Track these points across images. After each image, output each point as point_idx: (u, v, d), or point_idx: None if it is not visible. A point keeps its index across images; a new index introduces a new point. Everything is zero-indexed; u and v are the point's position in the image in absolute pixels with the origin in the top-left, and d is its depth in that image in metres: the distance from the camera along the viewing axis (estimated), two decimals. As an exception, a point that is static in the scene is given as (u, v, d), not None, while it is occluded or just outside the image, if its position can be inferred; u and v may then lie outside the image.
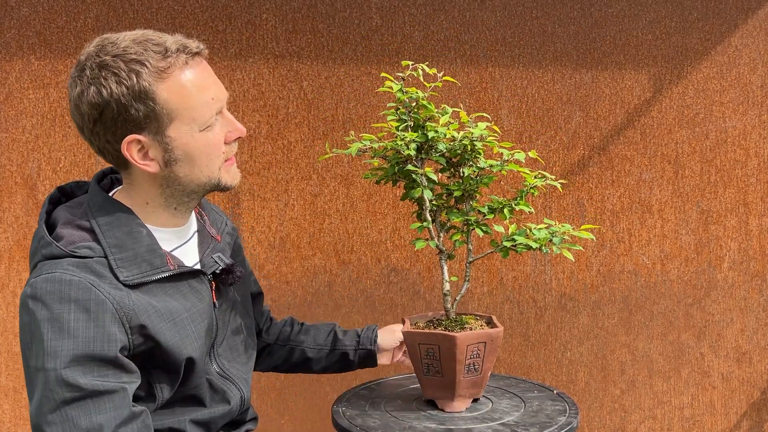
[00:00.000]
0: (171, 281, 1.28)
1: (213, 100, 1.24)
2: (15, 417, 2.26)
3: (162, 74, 1.18)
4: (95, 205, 1.26)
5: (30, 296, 1.16)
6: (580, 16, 2.49)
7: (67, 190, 1.36)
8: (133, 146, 1.22)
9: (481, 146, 1.41)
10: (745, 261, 2.63)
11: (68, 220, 1.26)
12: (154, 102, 1.18)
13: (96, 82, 1.17)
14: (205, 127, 1.24)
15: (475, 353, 1.38)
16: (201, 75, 1.23)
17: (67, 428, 1.12)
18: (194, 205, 1.34)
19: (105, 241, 1.22)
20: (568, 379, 2.57)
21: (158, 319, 1.23)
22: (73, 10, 2.23)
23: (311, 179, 2.38)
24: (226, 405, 1.37)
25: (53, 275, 1.16)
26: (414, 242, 1.42)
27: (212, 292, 1.36)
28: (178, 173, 1.25)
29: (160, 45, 1.19)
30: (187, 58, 1.21)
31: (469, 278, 1.47)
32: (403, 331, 1.43)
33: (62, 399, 1.12)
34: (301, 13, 2.35)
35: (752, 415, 2.68)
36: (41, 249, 1.23)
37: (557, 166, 2.51)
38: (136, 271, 1.22)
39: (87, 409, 1.13)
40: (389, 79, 1.41)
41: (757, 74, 2.59)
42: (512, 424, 1.34)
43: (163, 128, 1.21)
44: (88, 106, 1.19)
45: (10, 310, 2.24)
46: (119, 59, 1.17)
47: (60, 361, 1.12)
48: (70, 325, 1.14)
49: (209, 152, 1.25)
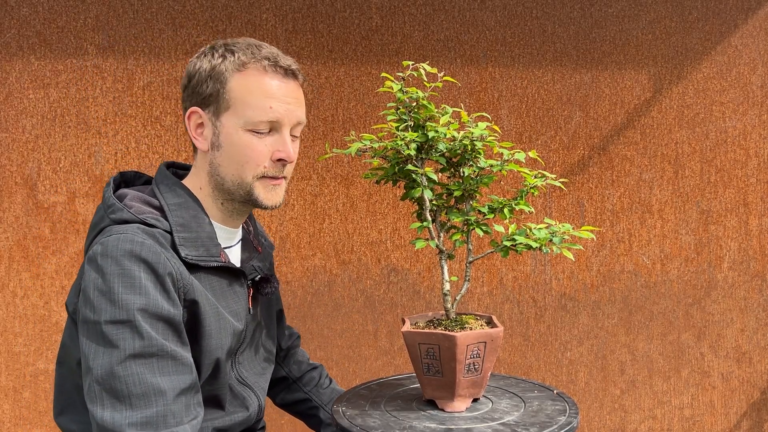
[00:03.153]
0: (218, 275, 1.32)
1: (271, 109, 1.29)
2: (15, 417, 2.26)
3: (241, 68, 1.29)
4: (164, 185, 1.33)
5: (100, 254, 1.18)
6: (580, 16, 2.49)
7: (127, 177, 1.41)
8: (194, 117, 1.33)
9: (482, 146, 1.41)
10: (745, 261, 2.63)
11: (137, 196, 1.31)
12: (222, 86, 1.29)
13: (200, 57, 1.33)
14: (250, 129, 1.29)
15: (475, 353, 1.38)
16: (274, 85, 1.31)
17: (131, 383, 1.13)
18: (240, 212, 1.37)
19: (172, 218, 1.28)
20: (568, 379, 2.57)
21: (206, 302, 1.26)
22: (73, 10, 2.23)
23: (311, 179, 2.38)
24: (244, 411, 1.38)
25: (125, 235, 1.20)
26: (414, 242, 1.41)
27: (249, 299, 1.39)
28: (219, 161, 1.32)
29: (258, 49, 1.31)
30: (268, 65, 1.30)
31: (469, 278, 1.47)
32: (403, 330, 1.43)
33: (132, 351, 1.14)
34: (301, 13, 2.35)
35: (752, 415, 2.68)
36: (110, 215, 1.26)
37: (557, 166, 2.51)
38: (195, 253, 1.27)
39: (152, 368, 1.15)
40: (389, 79, 1.41)
41: (757, 74, 2.59)
42: (512, 424, 1.34)
43: (220, 112, 1.30)
44: (186, 73, 1.34)
45: (10, 310, 2.24)
46: (224, 46, 1.32)
47: (132, 313, 1.15)
48: (141, 282, 1.17)
49: (246, 154, 1.30)
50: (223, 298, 1.32)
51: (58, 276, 2.25)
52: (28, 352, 2.25)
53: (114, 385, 1.13)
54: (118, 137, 2.26)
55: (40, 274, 2.24)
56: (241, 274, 1.36)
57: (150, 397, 1.13)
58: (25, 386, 2.25)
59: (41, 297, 2.25)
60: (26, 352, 2.25)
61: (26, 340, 2.24)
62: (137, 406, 1.12)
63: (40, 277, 2.24)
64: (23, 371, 2.25)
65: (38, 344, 2.25)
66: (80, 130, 2.24)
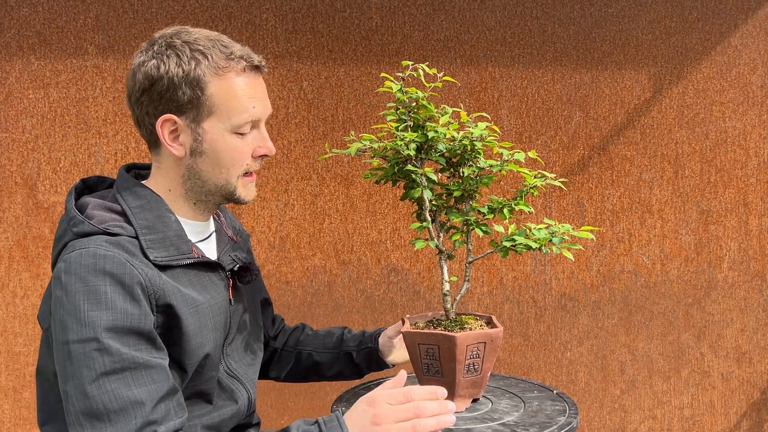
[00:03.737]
0: (194, 271, 1.30)
1: (254, 108, 1.29)
2: (15, 417, 2.26)
3: (219, 71, 1.26)
4: (125, 189, 1.30)
5: (64, 271, 1.17)
6: (580, 16, 2.49)
7: (90, 183, 1.39)
8: (167, 125, 1.27)
9: (481, 146, 1.40)
10: (745, 261, 2.63)
11: (98, 204, 1.29)
12: (202, 92, 1.25)
13: (158, 57, 1.25)
14: (236, 131, 1.28)
15: (475, 353, 1.38)
16: (252, 85, 1.29)
17: (107, 401, 1.11)
18: (212, 207, 1.37)
19: (136, 222, 1.25)
20: (568, 379, 2.57)
21: (183, 302, 1.25)
22: (73, 10, 2.23)
23: (311, 179, 2.38)
24: (233, 404, 1.37)
25: (87, 250, 1.17)
26: (414, 242, 1.42)
27: (229, 290, 1.38)
28: (201, 167, 1.30)
29: (228, 47, 1.27)
30: (246, 66, 1.28)
31: (468, 278, 1.47)
32: (403, 331, 1.43)
33: (102, 369, 1.12)
34: (301, 13, 2.35)
35: (752, 415, 2.68)
36: (72, 228, 1.24)
37: (557, 166, 2.51)
38: (165, 254, 1.25)
39: (126, 382, 1.13)
40: (389, 79, 1.41)
41: (757, 74, 2.59)
42: (512, 424, 1.34)
43: (201, 119, 1.27)
44: (143, 76, 1.26)
45: (10, 310, 2.24)
46: (187, 45, 1.26)
47: (99, 331, 1.12)
48: (107, 297, 1.14)
49: (233, 156, 1.29)
50: (205, 292, 1.31)
51: (58, 276, 2.25)
52: (28, 352, 2.25)
53: (90, 406, 1.11)
54: (118, 137, 2.26)
55: (40, 274, 2.24)
56: (217, 266, 1.35)
57: (129, 410, 1.12)
58: (25, 386, 2.25)
59: (41, 297, 2.25)
60: (26, 352, 2.25)
61: (26, 340, 2.24)
62: (117, 422, 1.11)
63: (40, 277, 2.24)
64: (23, 371, 2.25)
65: (38, 344, 2.25)
66: (80, 130, 2.24)
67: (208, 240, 1.39)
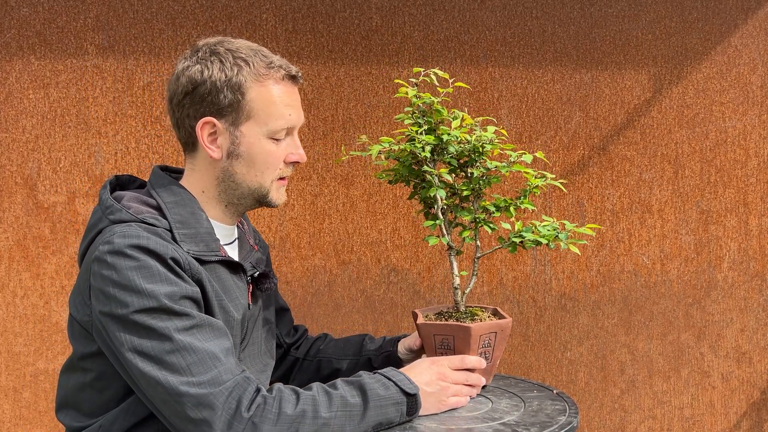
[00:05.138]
0: (220, 270, 1.35)
1: (290, 116, 1.36)
2: (15, 417, 2.26)
3: (259, 78, 1.33)
4: (160, 186, 1.36)
5: (109, 252, 1.21)
6: (580, 16, 2.50)
7: (122, 180, 1.44)
8: (207, 127, 1.34)
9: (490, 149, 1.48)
10: (745, 261, 2.63)
11: (134, 197, 1.34)
12: (243, 96, 1.32)
13: (203, 63, 1.33)
14: (272, 137, 1.35)
15: (487, 342, 1.44)
16: (288, 93, 1.37)
17: (186, 354, 1.18)
18: (242, 210, 1.42)
19: (171, 216, 1.31)
20: (568, 379, 2.57)
21: (213, 293, 1.30)
22: (73, 10, 2.23)
23: (311, 179, 2.38)
24: None
25: (129, 231, 1.23)
26: (427, 239, 1.49)
27: (248, 295, 1.42)
28: (236, 170, 1.36)
29: (268, 57, 1.36)
30: (284, 75, 1.36)
31: (476, 273, 1.55)
32: (418, 323, 1.48)
33: (174, 328, 1.19)
34: (301, 13, 2.35)
35: (752, 415, 2.68)
36: (108, 215, 1.29)
37: (557, 166, 2.51)
38: (195, 249, 1.30)
39: (197, 337, 1.20)
40: (403, 85, 1.48)
41: (757, 74, 2.59)
42: (512, 424, 1.34)
43: (239, 122, 1.34)
44: (187, 79, 1.33)
45: (10, 310, 2.24)
46: (230, 53, 1.33)
47: (162, 298, 1.19)
48: (159, 271, 1.21)
49: (267, 161, 1.36)
50: (226, 291, 1.35)
51: (58, 276, 2.25)
52: (28, 352, 2.25)
53: (170, 361, 1.18)
54: (118, 137, 2.26)
55: (40, 274, 2.24)
56: (240, 268, 1.40)
57: (207, 362, 1.19)
58: (25, 386, 2.25)
59: (41, 297, 2.25)
60: (26, 352, 2.25)
61: (26, 340, 2.24)
62: (198, 373, 1.18)
63: (40, 277, 2.24)
64: (23, 371, 2.25)
65: (38, 344, 2.25)
66: (80, 130, 2.25)
67: (233, 245, 1.45)
